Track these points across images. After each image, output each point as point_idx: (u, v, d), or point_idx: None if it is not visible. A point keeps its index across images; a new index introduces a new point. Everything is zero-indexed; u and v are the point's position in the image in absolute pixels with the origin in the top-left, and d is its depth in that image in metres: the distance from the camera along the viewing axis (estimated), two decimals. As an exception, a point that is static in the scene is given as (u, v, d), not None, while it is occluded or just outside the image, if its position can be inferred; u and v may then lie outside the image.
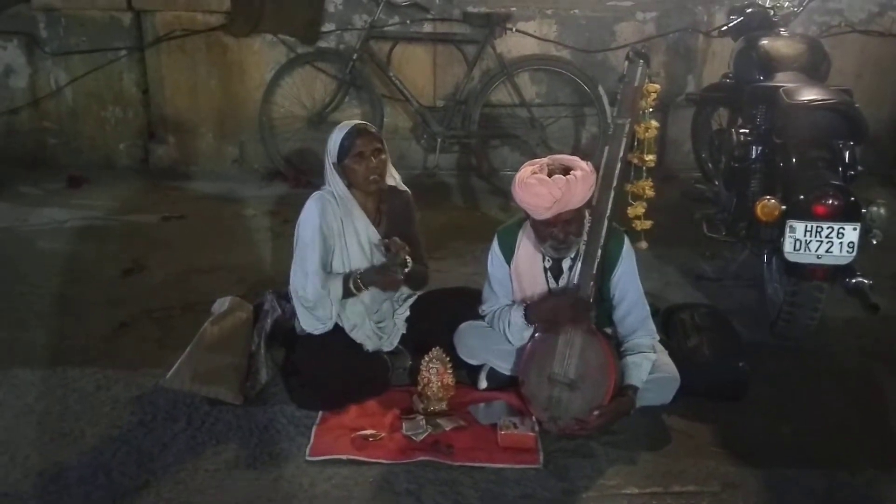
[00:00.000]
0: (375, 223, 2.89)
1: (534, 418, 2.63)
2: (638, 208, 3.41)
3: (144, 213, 4.70)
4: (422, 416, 2.66)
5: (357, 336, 2.86)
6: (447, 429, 2.61)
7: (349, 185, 2.82)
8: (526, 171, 2.59)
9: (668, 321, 3.11)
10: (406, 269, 2.75)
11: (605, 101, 4.90)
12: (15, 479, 2.39)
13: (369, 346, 2.89)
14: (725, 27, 4.11)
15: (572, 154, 2.98)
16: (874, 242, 2.85)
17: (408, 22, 5.12)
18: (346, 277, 2.78)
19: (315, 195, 2.83)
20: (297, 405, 2.74)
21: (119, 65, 5.32)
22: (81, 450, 2.53)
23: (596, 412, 2.53)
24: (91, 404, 2.77)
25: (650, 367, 2.65)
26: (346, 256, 2.82)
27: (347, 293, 2.79)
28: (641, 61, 2.74)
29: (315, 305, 2.76)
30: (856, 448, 2.60)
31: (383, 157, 2.82)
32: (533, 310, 2.70)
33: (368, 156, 2.77)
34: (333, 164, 2.81)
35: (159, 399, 2.77)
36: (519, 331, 2.74)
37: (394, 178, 2.95)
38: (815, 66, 3.54)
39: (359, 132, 2.78)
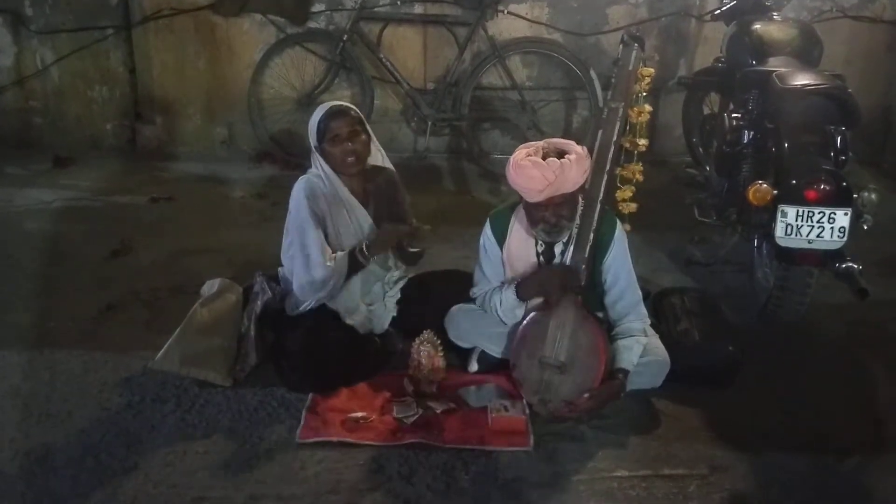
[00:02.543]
0: (363, 203, 2.87)
1: (524, 401, 2.62)
2: (626, 192, 3.40)
3: (132, 193, 4.65)
4: (412, 399, 2.65)
5: (349, 319, 2.85)
6: (438, 411, 2.60)
7: (332, 168, 2.80)
8: (520, 153, 2.58)
9: (658, 305, 3.12)
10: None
11: (597, 84, 4.88)
12: (1, 461, 2.37)
13: (360, 329, 2.88)
14: (718, 11, 4.09)
15: (563, 137, 2.96)
16: (864, 228, 2.85)
17: (398, 3, 5.07)
18: (351, 252, 2.76)
19: (302, 179, 2.80)
20: (287, 388, 2.73)
21: (106, 44, 5.25)
22: (69, 432, 2.52)
23: (586, 395, 2.53)
24: (78, 386, 2.75)
25: (641, 350, 2.65)
26: (338, 238, 2.80)
27: (355, 267, 2.78)
28: (636, 45, 2.72)
29: (324, 285, 2.74)
30: (843, 433, 2.61)
31: (362, 138, 2.78)
32: (523, 284, 2.69)
33: (344, 139, 2.73)
34: (315, 146, 2.78)
35: (148, 381, 2.75)
36: (511, 309, 2.72)
37: (380, 155, 2.93)
38: (807, 51, 3.54)
39: (334, 114, 2.75)
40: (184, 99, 5.34)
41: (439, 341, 2.76)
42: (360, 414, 2.57)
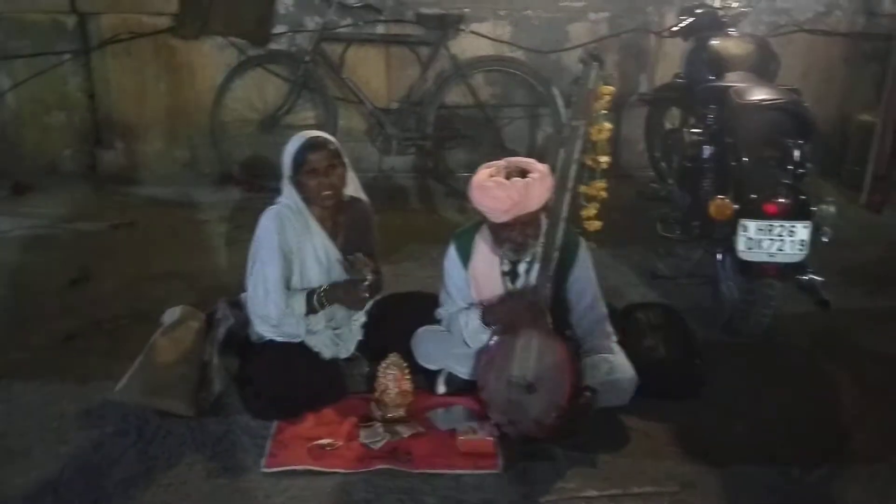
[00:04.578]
0: (333, 236, 2.84)
1: (493, 422, 2.60)
2: (590, 209, 3.42)
3: (92, 220, 4.58)
4: (380, 424, 2.62)
5: (314, 343, 2.82)
6: (405, 436, 2.57)
7: (305, 199, 2.77)
8: (483, 174, 2.58)
9: (624, 321, 3.11)
10: (367, 284, 2.70)
11: (560, 101, 4.91)
12: (-44, 501, 2.31)
13: (326, 353, 2.84)
14: (676, 28, 4.14)
15: (528, 154, 2.97)
16: (824, 240, 2.89)
17: (360, 23, 5.07)
18: (310, 294, 2.73)
19: (271, 210, 2.76)
20: (251, 415, 2.68)
21: (63, 69, 5.18)
22: (27, 468, 2.44)
23: (554, 414, 2.52)
24: (37, 420, 2.68)
25: (608, 367, 2.65)
26: (304, 272, 2.77)
27: (311, 310, 2.74)
28: (595, 63, 2.74)
29: (280, 323, 2.71)
30: (809, 443, 2.63)
31: (339, 170, 2.75)
32: (490, 312, 2.69)
33: (321, 172, 2.70)
34: (289, 177, 2.75)
35: (108, 413, 2.69)
36: (476, 333, 2.71)
37: (354, 187, 2.90)
38: (764, 66, 3.60)
39: (311, 146, 2.71)
40: (145, 123, 5.28)
41: (406, 364, 2.74)
42: (326, 441, 2.53)
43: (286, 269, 2.73)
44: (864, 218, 4.56)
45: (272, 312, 2.69)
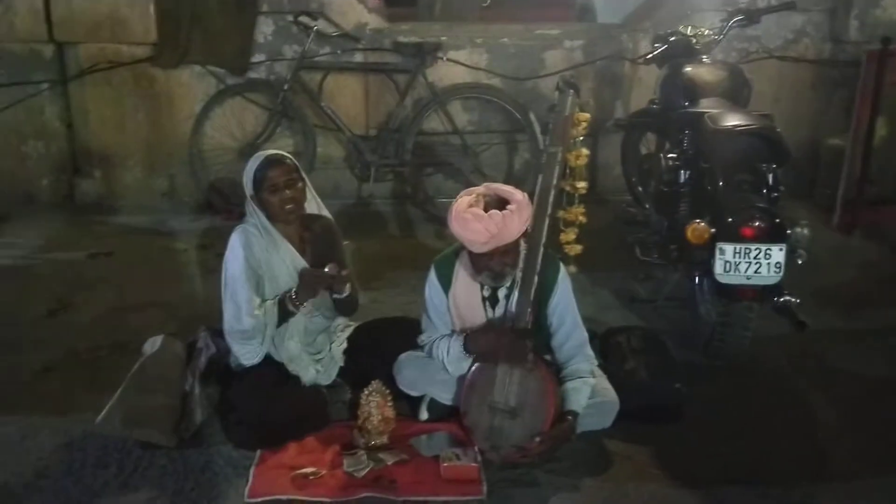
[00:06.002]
0: (300, 251, 2.86)
1: (476, 448, 2.61)
2: (570, 234, 3.44)
3: (70, 249, 4.55)
4: (363, 451, 2.61)
5: (294, 369, 2.82)
6: (389, 463, 2.57)
7: (269, 216, 2.79)
8: (462, 203, 2.58)
9: (605, 345, 3.14)
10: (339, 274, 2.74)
11: (537, 127, 4.96)
12: (-68, 538, 2.27)
13: (307, 379, 2.84)
14: (650, 55, 4.20)
15: (506, 180, 3.00)
16: (799, 262, 2.94)
17: (338, 52, 5.12)
18: (281, 300, 2.75)
19: (238, 229, 2.79)
20: (234, 445, 2.67)
21: (41, 98, 5.17)
22: (6, 501, 2.41)
23: (537, 439, 2.53)
24: (15, 453, 2.64)
25: (589, 392, 2.67)
26: (276, 287, 2.79)
27: (285, 314, 2.76)
28: (571, 91, 2.79)
29: (253, 334, 2.71)
30: (790, 463, 2.66)
31: (299, 185, 2.79)
32: (472, 341, 2.70)
33: (282, 187, 2.74)
34: (251, 196, 2.77)
35: (88, 445, 2.66)
36: (458, 360, 2.72)
37: (315, 204, 2.93)
38: (737, 92, 3.65)
39: (270, 163, 2.75)
40: (123, 152, 5.28)
41: (388, 390, 2.74)
42: (309, 469, 2.52)
43: (257, 286, 2.75)
44: (836, 240, 4.63)
45: (246, 324, 2.70)
